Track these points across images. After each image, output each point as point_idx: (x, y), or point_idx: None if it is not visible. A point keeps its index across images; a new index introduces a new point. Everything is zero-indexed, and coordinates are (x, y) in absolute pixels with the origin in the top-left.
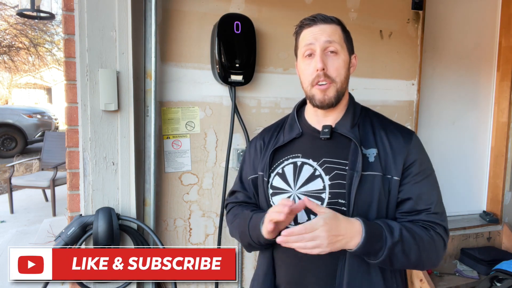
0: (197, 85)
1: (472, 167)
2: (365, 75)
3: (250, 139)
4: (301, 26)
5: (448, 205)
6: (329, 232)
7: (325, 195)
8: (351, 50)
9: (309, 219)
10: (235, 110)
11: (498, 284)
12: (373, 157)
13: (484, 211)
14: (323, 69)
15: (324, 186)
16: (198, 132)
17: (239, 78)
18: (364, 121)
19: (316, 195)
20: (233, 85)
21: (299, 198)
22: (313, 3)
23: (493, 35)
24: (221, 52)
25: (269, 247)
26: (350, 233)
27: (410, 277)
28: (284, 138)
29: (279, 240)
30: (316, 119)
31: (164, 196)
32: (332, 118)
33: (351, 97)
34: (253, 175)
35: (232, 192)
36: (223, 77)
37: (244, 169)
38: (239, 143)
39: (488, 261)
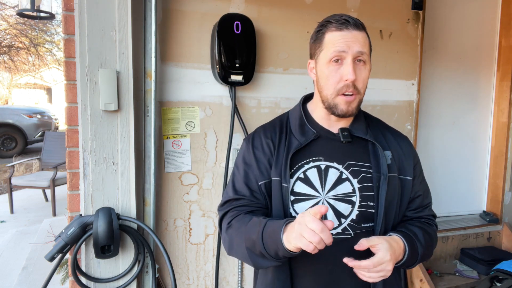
0: (197, 85)
1: (472, 167)
2: None
3: None
4: (329, 26)
5: (448, 205)
6: (393, 263)
7: (356, 198)
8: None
9: (340, 223)
10: (235, 110)
11: (498, 284)
12: (389, 159)
13: (484, 211)
14: (353, 80)
15: (354, 189)
16: (198, 132)
17: (239, 78)
18: (371, 124)
19: (346, 199)
20: (233, 85)
21: (328, 203)
22: (313, 3)
23: (493, 35)
24: (221, 52)
25: (284, 261)
26: (399, 253)
27: (410, 277)
28: (300, 141)
29: (348, 262)
30: (328, 122)
31: (164, 196)
32: (344, 121)
33: None
34: (264, 180)
35: (230, 200)
36: (223, 77)
37: (250, 173)
38: (239, 143)
39: (488, 261)
